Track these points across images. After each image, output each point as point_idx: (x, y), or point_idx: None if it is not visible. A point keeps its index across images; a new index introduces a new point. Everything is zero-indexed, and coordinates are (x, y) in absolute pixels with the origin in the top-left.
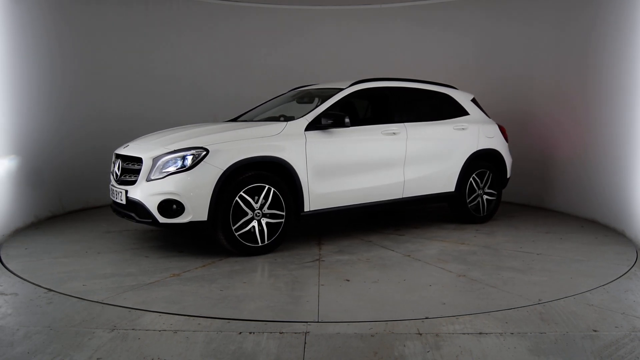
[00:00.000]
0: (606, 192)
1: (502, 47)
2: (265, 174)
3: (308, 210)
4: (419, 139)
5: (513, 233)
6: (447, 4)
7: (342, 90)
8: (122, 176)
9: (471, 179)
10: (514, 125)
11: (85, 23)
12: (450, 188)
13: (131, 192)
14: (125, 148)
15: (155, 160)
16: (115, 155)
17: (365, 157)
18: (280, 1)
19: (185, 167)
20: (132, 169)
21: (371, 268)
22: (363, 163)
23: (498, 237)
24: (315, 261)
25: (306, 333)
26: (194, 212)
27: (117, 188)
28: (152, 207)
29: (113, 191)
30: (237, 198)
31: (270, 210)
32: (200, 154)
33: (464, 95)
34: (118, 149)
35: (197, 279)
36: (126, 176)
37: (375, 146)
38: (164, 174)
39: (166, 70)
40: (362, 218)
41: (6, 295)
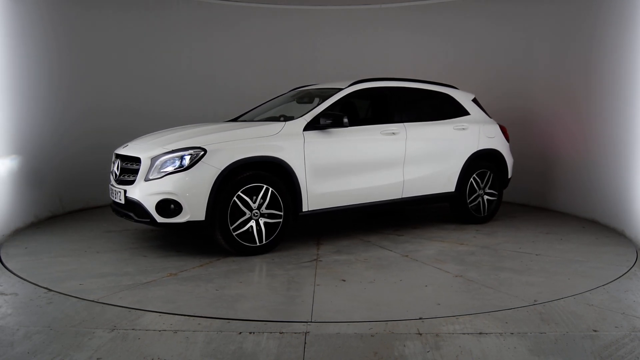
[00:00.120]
0: (606, 191)
1: (502, 47)
2: (264, 174)
3: (306, 210)
4: (419, 139)
5: (513, 233)
6: (448, 4)
7: (341, 90)
8: (121, 176)
9: (472, 179)
10: (515, 126)
11: (84, 23)
12: (450, 188)
13: (130, 191)
14: (125, 148)
15: (153, 160)
16: (115, 155)
17: (364, 157)
18: (280, 1)
19: (183, 167)
20: (130, 168)
21: (368, 268)
22: (362, 163)
23: (498, 238)
24: (313, 261)
25: (306, 333)
26: (191, 212)
27: (116, 188)
28: (150, 206)
29: (112, 191)
30: (234, 198)
31: (268, 210)
32: (198, 153)
33: (464, 95)
34: (118, 148)
35: (194, 278)
36: (125, 176)
37: (374, 146)
38: (162, 174)
39: (166, 70)
40: (362, 218)
41: (6, 295)
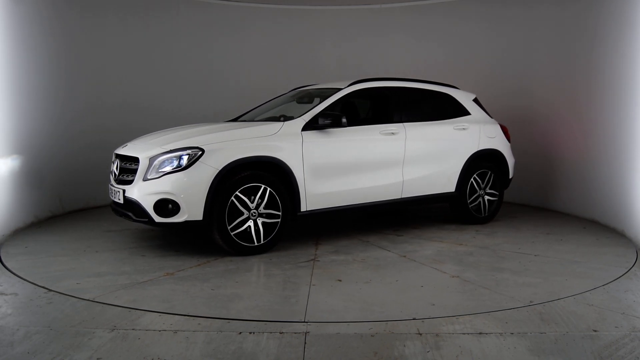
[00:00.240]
0: (606, 192)
1: (503, 47)
2: (262, 174)
3: (305, 210)
4: (418, 139)
5: (513, 234)
6: (448, 4)
7: (340, 90)
8: (120, 176)
9: (472, 179)
10: (516, 126)
11: (84, 22)
12: (450, 188)
13: (128, 191)
14: (124, 148)
15: (151, 160)
16: (115, 155)
17: (363, 157)
18: (280, 1)
19: (181, 167)
20: (129, 168)
21: (365, 268)
22: (360, 163)
23: (497, 238)
24: (310, 261)
25: (306, 333)
26: (189, 212)
27: (115, 187)
28: (148, 206)
29: (112, 191)
30: (232, 198)
31: (266, 210)
32: (196, 153)
33: (465, 95)
34: (117, 148)
35: (190, 278)
36: (124, 176)
37: (373, 146)
38: (160, 174)
39: (166, 70)
40: (361, 218)
41: (6, 295)
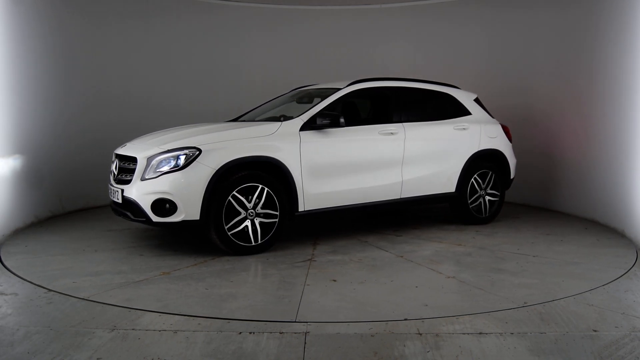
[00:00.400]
0: (606, 191)
1: (504, 46)
2: (259, 174)
3: (302, 210)
4: (418, 139)
5: (513, 234)
6: (447, 4)
7: (339, 90)
8: (119, 175)
9: (473, 179)
10: (516, 125)
11: (84, 22)
12: (450, 189)
13: (127, 191)
14: (123, 148)
15: (149, 160)
16: (115, 155)
17: (362, 157)
18: (280, 1)
19: (178, 167)
20: (128, 168)
21: (361, 268)
22: (359, 163)
23: (497, 239)
24: (307, 261)
25: (306, 333)
26: (186, 211)
27: (114, 187)
28: (146, 206)
29: (111, 190)
30: (230, 197)
31: (264, 209)
32: (193, 153)
33: (466, 95)
34: (117, 148)
35: (186, 277)
36: (123, 175)
37: (371, 146)
38: (157, 174)
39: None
40: (361, 218)
41: (6, 295)
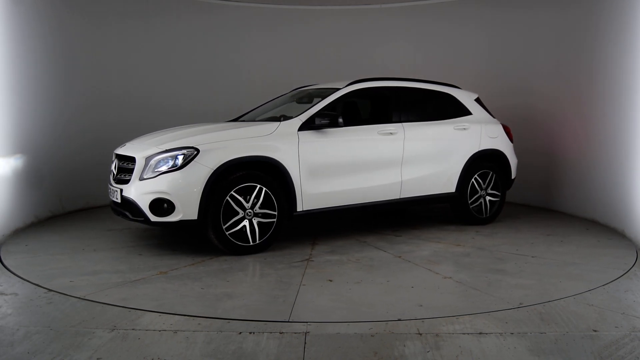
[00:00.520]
0: (606, 191)
1: (504, 46)
2: (257, 174)
3: (301, 210)
4: (417, 139)
5: (513, 235)
6: (447, 3)
7: (339, 90)
8: (118, 175)
9: (473, 179)
10: (517, 125)
11: (83, 21)
12: (450, 189)
13: (125, 190)
14: (122, 148)
15: (147, 160)
16: (114, 155)
17: (360, 157)
18: (280, 1)
19: (176, 167)
20: (127, 168)
21: (358, 269)
22: (358, 163)
23: (497, 239)
24: (305, 261)
25: (306, 333)
26: (184, 211)
27: (113, 187)
28: (144, 205)
29: (110, 190)
30: (227, 197)
31: (262, 209)
32: (191, 153)
33: (467, 95)
34: (117, 148)
35: (183, 277)
36: (122, 175)
37: (370, 146)
38: (156, 173)
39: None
40: (361, 218)
41: (6, 295)
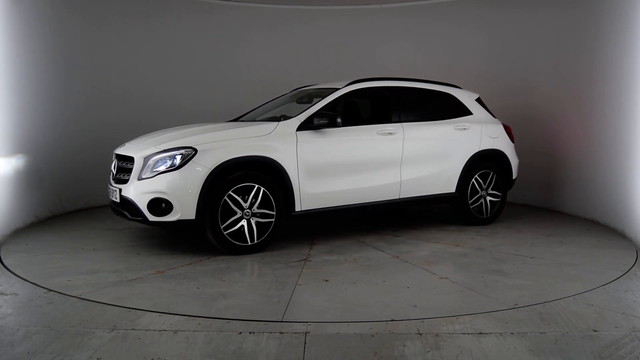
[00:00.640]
0: (606, 191)
1: (504, 46)
2: (255, 174)
3: (299, 210)
4: (417, 139)
5: (513, 235)
6: (447, 3)
7: (337, 90)
8: (118, 175)
9: (474, 180)
10: (517, 125)
11: (83, 21)
12: (450, 189)
13: (124, 190)
14: (122, 147)
15: (146, 160)
16: (114, 155)
17: (359, 157)
18: (280, 1)
19: (174, 167)
20: (126, 168)
21: (355, 269)
22: (356, 163)
23: (496, 239)
24: (302, 261)
25: (306, 333)
26: (181, 211)
27: (113, 187)
28: (142, 205)
29: (110, 190)
30: (225, 197)
31: (260, 209)
32: (189, 153)
33: (467, 95)
34: (117, 148)
35: (179, 276)
36: (121, 175)
37: (369, 146)
38: (154, 173)
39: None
40: (361, 218)
41: (6, 295)
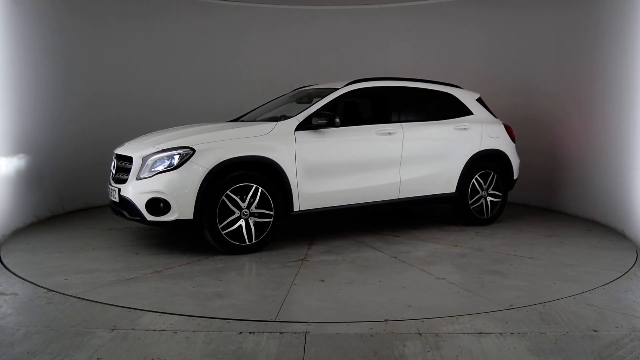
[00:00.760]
0: (606, 191)
1: (504, 46)
2: (254, 174)
3: (297, 210)
4: (416, 139)
5: (514, 236)
6: (447, 4)
7: (336, 90)
8: (117, 175)
9: (474, 180)
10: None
11: (83, 21)
12: (450, 189)
13: (123, 190)
14: (121, 147)
15: (144, 160)
16: (114, 155)
17: (358, 157)
18: (280, 1)
19: (172, 167)
20: (125, 167)
21: (351, 269)
22: (355, 163)
23: (496, 240)
24: (299, 261)
25: (306, 333)
26: (179, 211)
27: (112, 186)
28: (141, 205)
29: (110, 189)
30: (223, 197)
31: (258, 209)
32: (187, 153)
33: (468, 95)
34: (117, 148)
35: (176, 276)
36: (120, 175)
37: (368, 146)
38: (152, 173)
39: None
40: (361, 219)
41: (6, 295)
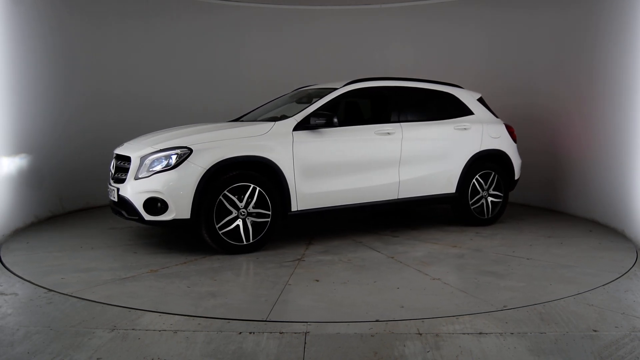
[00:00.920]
0: (606, 191)
1: (504, 46)
2: (251, 174)
3: (295, 210)
4: (415, 139)
5: (513, 236)
6: (447, 3)
7: (336, 90)
8: (116, 174)
9: (474, 180)
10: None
11: (83, 21)
12: (450, 189)
13: (122, 190)
14: (121, 147)
15: (142, 159)
16: (114, 155)
17: (356, 157)
18: (280, 1)
19: (170, 166)
20: (124, 167)
21: (347, 269)
22: (354, 163)
23: (495, 240)
24: (296, 261)
25: (306, 333)
26: (177, 210)
27: (111, 186)
28: (138, 204)
29: (109, 189)
30: (221, 197)
31: (256, 209)
32: (185, 153)
33: (469, 95)
34: (116, 148)
35: (172, 275)
36: (119, 174)
37: (367, 146)
38: (150, 173)
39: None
40: (361, 219)
41: (6, 295)
